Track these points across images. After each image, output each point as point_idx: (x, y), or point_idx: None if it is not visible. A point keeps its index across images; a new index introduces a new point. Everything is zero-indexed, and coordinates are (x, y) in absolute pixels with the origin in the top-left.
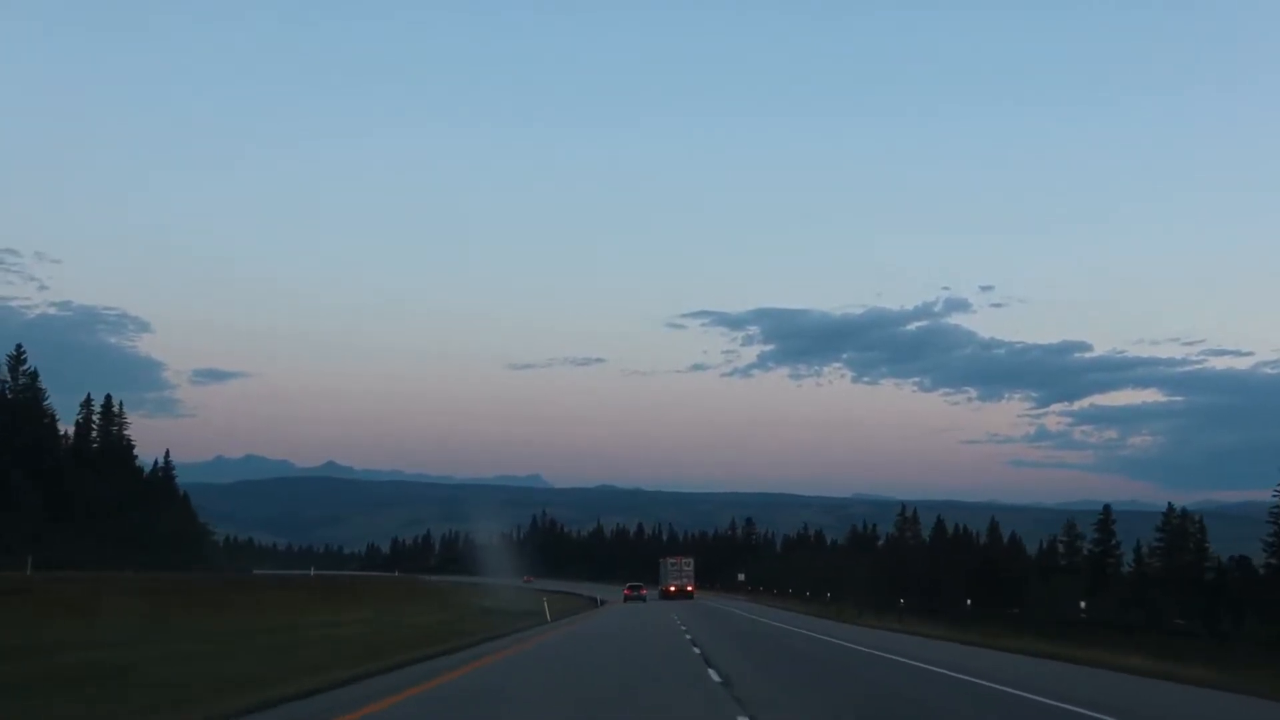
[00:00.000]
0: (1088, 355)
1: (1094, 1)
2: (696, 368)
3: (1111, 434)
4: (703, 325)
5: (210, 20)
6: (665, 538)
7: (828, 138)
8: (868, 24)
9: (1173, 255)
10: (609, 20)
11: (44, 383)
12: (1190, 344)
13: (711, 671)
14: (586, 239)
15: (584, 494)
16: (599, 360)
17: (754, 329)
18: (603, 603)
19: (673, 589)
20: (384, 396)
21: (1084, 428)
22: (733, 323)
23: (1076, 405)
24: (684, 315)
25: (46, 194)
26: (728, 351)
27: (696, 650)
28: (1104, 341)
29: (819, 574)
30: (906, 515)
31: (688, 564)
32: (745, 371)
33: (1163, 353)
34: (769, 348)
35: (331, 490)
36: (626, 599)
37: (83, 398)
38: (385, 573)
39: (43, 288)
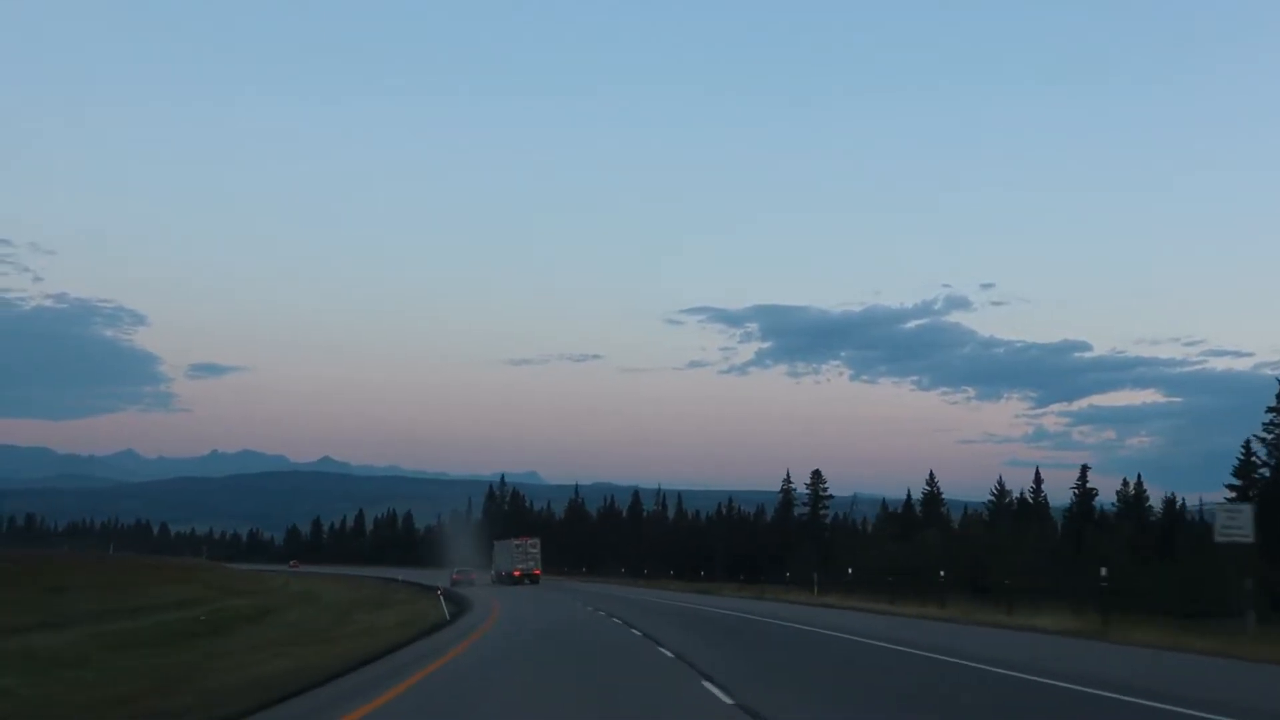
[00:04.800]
0: (1087, 355)
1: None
2: (694, 365)
3: (1110, 434)
4: (701, 322)
5: (209, 11)
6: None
7: (827, 133)
8: (865, 18)
9: (1174, 255)
10: (602, 15)
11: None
12: (1191, 344)
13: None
14: (584, 234)
15: (580, 491)
16: (596, 357)
17: (752, 326)
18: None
19: (518, 572)
20: (381, 392)
21: (1082, 428)
22: (731, 319)
23: (1075, 405)
24: (682, 311)
25: (40, 184)
26: (725, 349)
27: None
28: (1104, 341)
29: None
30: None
31: (534, 546)
32: (743, 369)
33: (1163, 353)
34: (767, 345)
35: (327, 486)
36: (455, 583)
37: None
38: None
39: (37, 279)
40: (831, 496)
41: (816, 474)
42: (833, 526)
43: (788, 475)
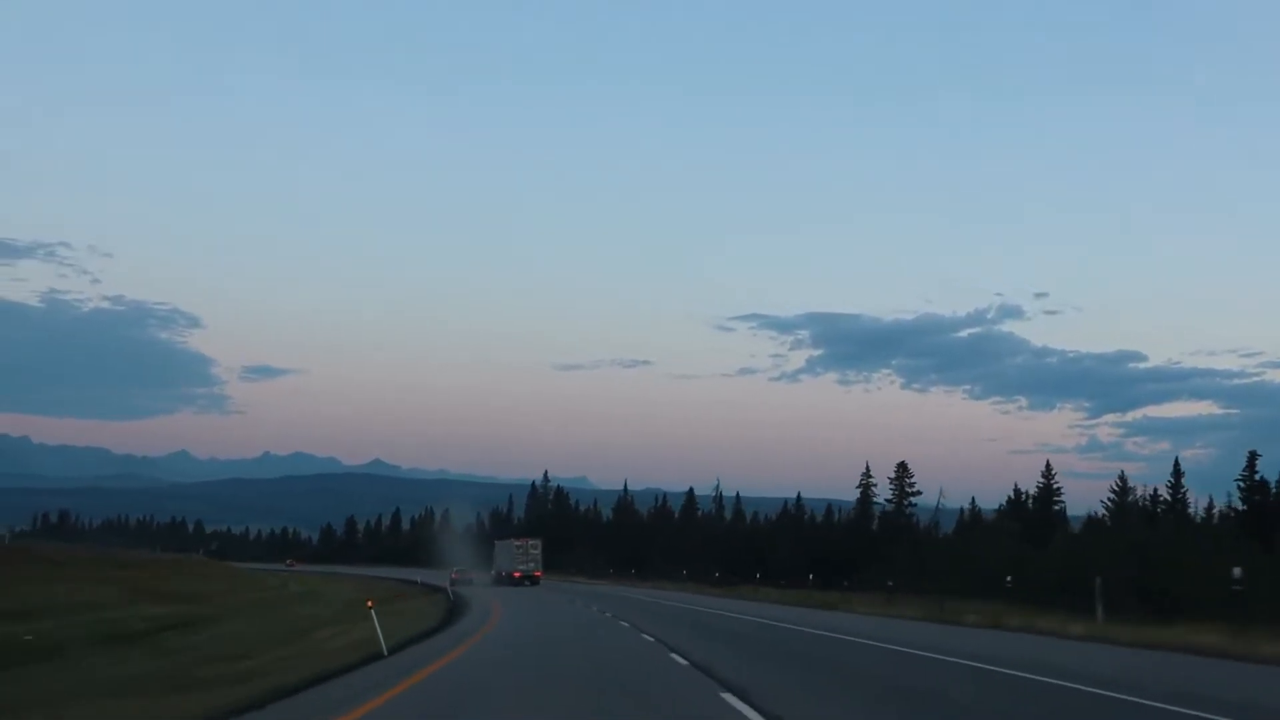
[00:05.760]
0: (1142, 365)
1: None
2: (744, 371)
3: (1164, 446)
4: (751, 329)
5: (266, 13)
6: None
7: (882, 140)
8: (926, 23)
9: (1232, 264)
10: (654, 16)
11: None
12: (1249, 355)
13: None
14: (636, 240)
15: (630, 494)
16: (646, 362)
17: (803, 333)
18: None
19: (518, 574)
20: (432, 396)
21: (1137, 439)
22: (782, 326)
23: (1129, 416)
24: (732, 318)
25: (99, 187)
26: (776, 355)
27: None
28: (1159, 352)
29: None
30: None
31: (535, 547)
32: (793, 376)
33: (1220, 364)
34: (818, 352)
35: (377, 488)
36: (454, 582)
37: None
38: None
39: (95, 281)
40: (920, 493)
41: (902, 467)
42: (910, 527)
43: (867, 469)
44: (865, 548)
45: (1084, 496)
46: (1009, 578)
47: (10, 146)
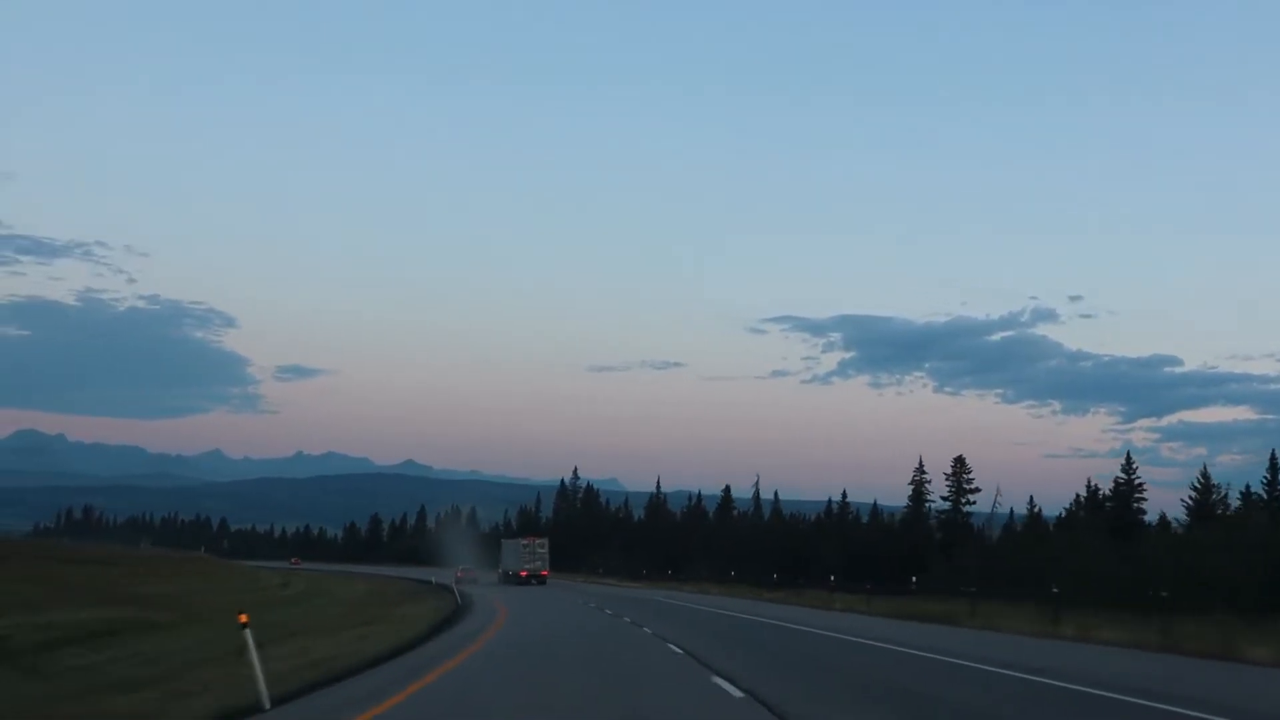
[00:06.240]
0: (1178, 370)
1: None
2: (777, 374)
3: (1200, 451)
4: (784, 331)
5: (305, 21)
6: None
7: (914, 142)
8: (953, 26)
9: (1269, 268)
10: (689, 21)
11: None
12: None
13: None
14: (668, 242)
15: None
16: (678, 365)
17: (836, 336)
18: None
19: (525, 573)
20: (464, 397)
21: (1172, 444)
22: (814, 329)
23: (1164, 421)
24: (765, 320)
25: (136, 186)
26: (808, 358)
27: None
28: (1195, 356)
29: None
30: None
31: (541, 546)
32: (825, 379)
33: (1256, 369)
34: (850, 355)
35: (408, 488)
36: (459, 580)
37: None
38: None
39: (131, 280)
40: (979, 490)
41: (959, 461)
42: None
43: (920, 465)
44: (933, 549)
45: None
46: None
47: (48, 146)
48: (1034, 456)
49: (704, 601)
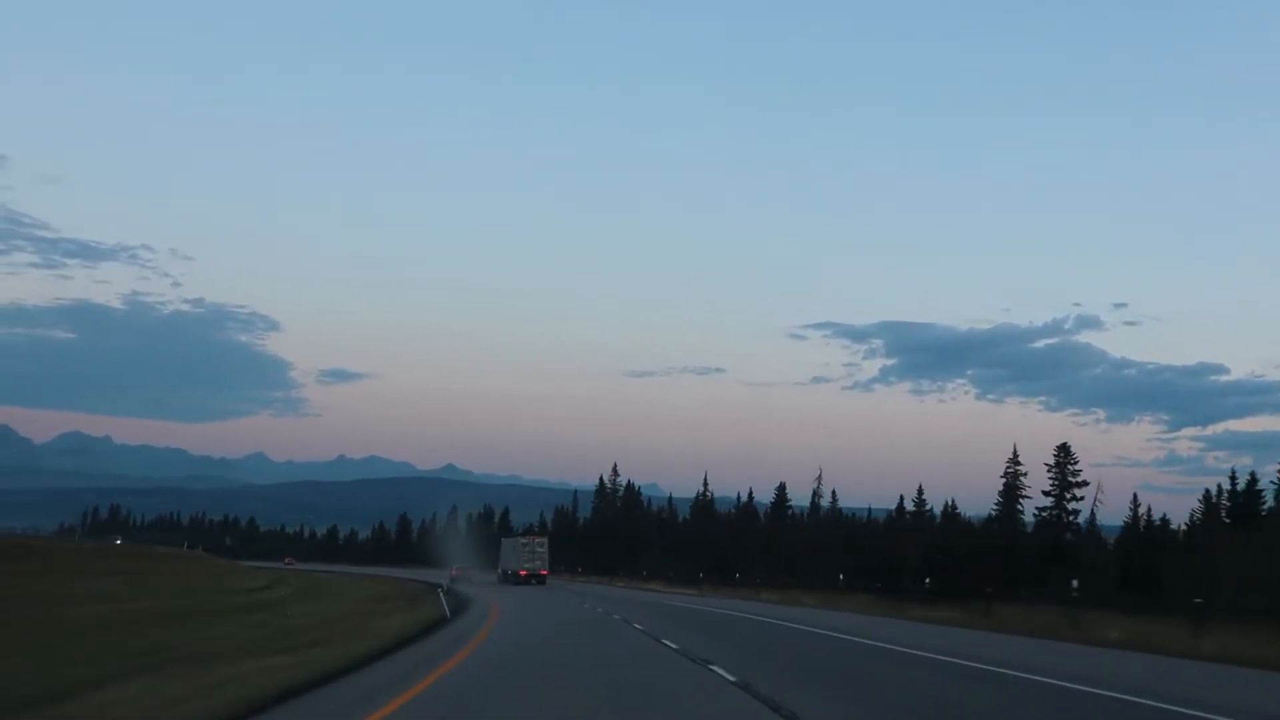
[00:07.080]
0: (1224, 378)
1: (1241, 22)
2: (817, 380)
3: (1247, 461)
4: (825, 337)
5: (355, 26)
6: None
7: (959, 151)
8: (1002, 42)
9: None
10: (734, 32)
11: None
12: None
13: None
14: (709, 247)
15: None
16: (719, 370)
17: (877, 342)
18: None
19: (524, 572)
20: (504, 402)
21: (1217, 454)
22: (855, 335)
23: (1210, 430)
24: (806, 326)
25: (181, 191)
26: (849, 364)
27: None
28: (1241, 364)
29: None
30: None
31: (541, 545)
32: (866, 385)
33: None
34: (891, 362)
35: (448, 492)
36: (454, 579)
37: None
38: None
39: (176, 284)
40: (1086, 483)
41: (1063, 449)
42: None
43: (1015, 456)
44: (1049, 554)
45: (1169, 511)
46: None
47: (94, 150)
48: (1080, 466)
49: (846, 623)
